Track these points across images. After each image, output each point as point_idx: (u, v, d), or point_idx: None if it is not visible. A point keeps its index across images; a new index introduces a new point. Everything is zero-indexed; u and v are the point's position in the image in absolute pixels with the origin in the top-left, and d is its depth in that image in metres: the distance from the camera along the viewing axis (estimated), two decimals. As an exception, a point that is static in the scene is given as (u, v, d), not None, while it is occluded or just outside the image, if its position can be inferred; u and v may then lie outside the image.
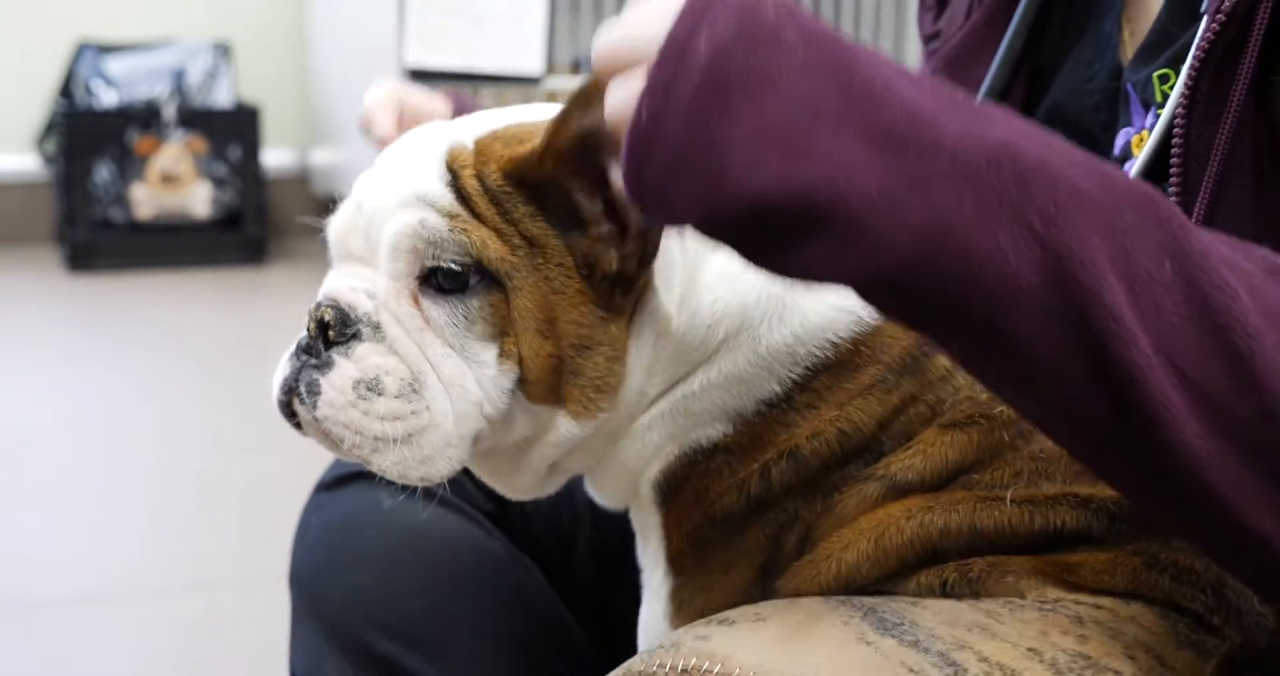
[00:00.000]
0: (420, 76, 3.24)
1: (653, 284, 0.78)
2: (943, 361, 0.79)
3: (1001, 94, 0.94)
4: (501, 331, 0.76)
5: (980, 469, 0.76)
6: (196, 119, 3.98)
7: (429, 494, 1.01)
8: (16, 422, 2.66)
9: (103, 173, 3.91)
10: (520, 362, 0.76)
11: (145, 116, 3.94)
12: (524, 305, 0.75)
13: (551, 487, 0.85)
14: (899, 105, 0.59)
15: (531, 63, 3.34)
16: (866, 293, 0.61)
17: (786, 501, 0.78)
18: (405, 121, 0.97)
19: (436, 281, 0.75)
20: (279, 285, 3.82)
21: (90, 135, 3.90)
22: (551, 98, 3.43)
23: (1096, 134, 0.87)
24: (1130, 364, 0.57)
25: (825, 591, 0.75)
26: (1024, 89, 0.94)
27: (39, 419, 2.70)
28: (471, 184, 0.75)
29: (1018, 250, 0.57)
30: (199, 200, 3.98)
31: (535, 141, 0.75)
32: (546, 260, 0.75)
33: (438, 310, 0.75)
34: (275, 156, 4.26)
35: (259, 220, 4.03)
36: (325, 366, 0.75)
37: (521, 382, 0.76)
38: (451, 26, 3.29)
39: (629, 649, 0.87)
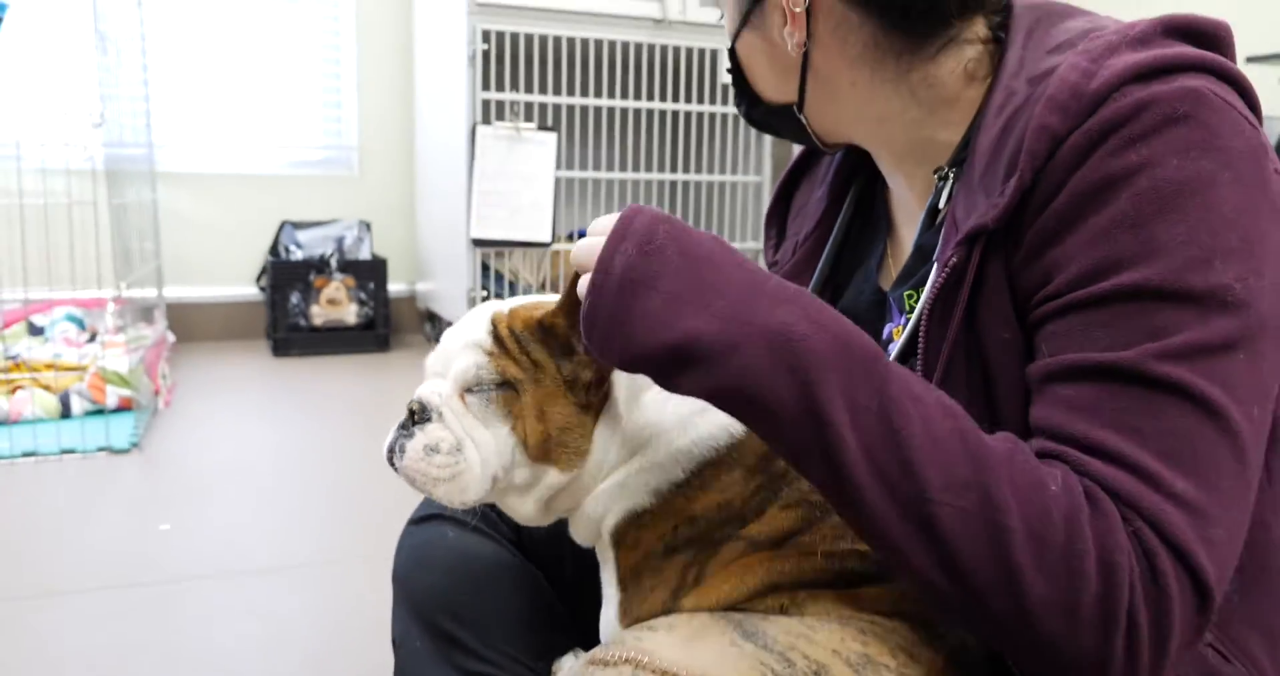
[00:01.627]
0: (478, 243, 3.26)
1: (613, 392, 0.76)
2: (781, 463, 0.75)
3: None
4: (512, 414, 0.74)
5: (804, 533, 0.73)
6: (349, 266, 3.92)
7: (477, 529, 0.98)
8: (237, 453, 2.58)
9: (293, 298, 3.85)
10: (524, 436, 0.74)
11: (319, 265, 3.88)
12: (527, 401, 0.73)
13: (547, 520, 0.81)
14: (730, 293, 0.60)
15: (544, 234, 3.34)
16: (718, 402, 0.62)
17: (689, 549, 0.75)
18: None
19: (478, 387, 0.74)
20: (397, 365, 3.74)
21: (287, 276, 3.84)
22: (555, 255, 3.43)
23: (873, 323, 0.86)
24: (843, 456, 0.58)
25: (711, 609, 0.72)
26: (830, 297, 0.93)
27: (252, 451, 2.62)
28: (505, 332, 0.74)
29: (787, 386, 0.59)
30: (350, 314, 3.91)
31: (541, 310, 0.75)
32: (544, 376, 0.74)
33: (474, 399, 0.74)
34: (395, 287, 4.20)
35: (385, 325, 3.96)
36: (410, 437, 0.75)
37: (524, 447, 0.74)
38: (497, 214, 3.31)
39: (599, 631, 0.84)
